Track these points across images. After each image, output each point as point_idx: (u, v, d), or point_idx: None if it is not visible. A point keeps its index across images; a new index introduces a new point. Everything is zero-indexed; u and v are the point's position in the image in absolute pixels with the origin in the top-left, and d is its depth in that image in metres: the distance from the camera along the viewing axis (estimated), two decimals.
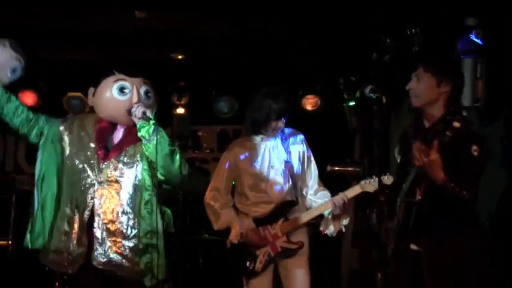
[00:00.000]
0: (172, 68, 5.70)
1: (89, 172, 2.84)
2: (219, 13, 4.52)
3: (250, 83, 5.93)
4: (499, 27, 3.53)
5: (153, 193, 2.87)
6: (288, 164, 3.62)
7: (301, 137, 3.70)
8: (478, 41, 3.53)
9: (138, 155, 2.88)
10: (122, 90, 2.87)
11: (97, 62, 5.38)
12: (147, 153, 2.85)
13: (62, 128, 2.91)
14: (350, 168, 5.95)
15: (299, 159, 3.65)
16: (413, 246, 2.75)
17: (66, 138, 2.90)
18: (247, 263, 3.47)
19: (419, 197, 2.67)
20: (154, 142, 2.77)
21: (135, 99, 2.86)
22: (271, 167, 3.60)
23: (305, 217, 3.54)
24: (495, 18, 3.51)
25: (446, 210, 2.68)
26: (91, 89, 3.01)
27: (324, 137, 5.39)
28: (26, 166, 6.16)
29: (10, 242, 5.22)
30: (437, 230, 2.69)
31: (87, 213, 2.80)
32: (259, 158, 3.62)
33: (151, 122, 2.80)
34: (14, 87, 5.60)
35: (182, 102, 6.00)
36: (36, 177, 2.89)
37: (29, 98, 5.74)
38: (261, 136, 3.64)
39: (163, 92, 5.73)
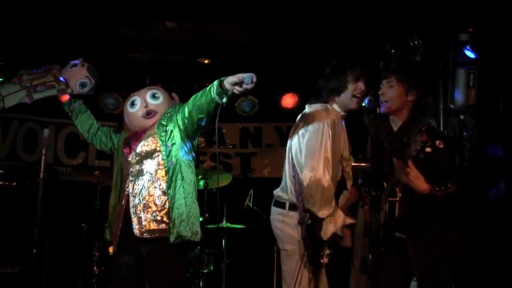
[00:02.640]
0: (199, 71, 6.10)
1: (123, 168, 3.36)
2: (238, 22, 4.96)
3: (269, 85, 6.42)
4: (488, 43, 3.91)
5: (169, 164, 3.23)
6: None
7: None
8: (471, 54, 3.91)
9: (152, 137, 3.29)
10: (132, 104, 3.38)
11: (132, 64, 5.88)
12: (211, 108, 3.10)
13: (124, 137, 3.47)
14: (363, 164, 6.36)
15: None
16: (398, 235, 3.21)
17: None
18: (320, 255, 3.30)
19: (400, 195, 3.10)
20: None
21: (143, 104, 3.33)
22: (349, 149, 3.41)
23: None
24: (485, 35, 3.89)
25: (422, 205, 3.12)
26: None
27: None
28: (65, 159, 6.62)
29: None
30: (417, 221, 3.16)
31: (125, 199, 3.28)
32: (342, 137, 3.37)
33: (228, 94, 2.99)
34: None
35: None
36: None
37: (69, 96, 6.28)
38: (343, 113, 3.36)
39: (191, 92, 6.20)
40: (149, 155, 3.28)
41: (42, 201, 3.03)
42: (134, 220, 3.22)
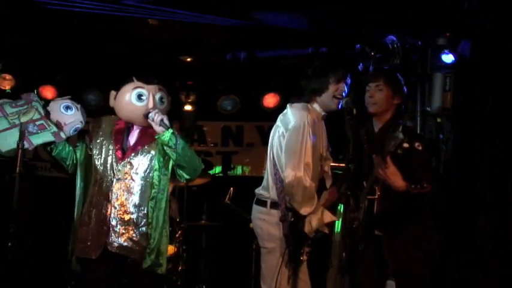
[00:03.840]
0: (181, 69, 6.16)
1: (109, 171, 3.16)
2: (221, 21, 4.98)
3: (251, 84, 6.48)
4: (465, 47, 4.00)
5: (159, 191, 3.18)
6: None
7: None
8: (448, 58, 3.99)
9: (151, 155, 3.19)
10: (139, 97, 3.14)
11: (114, 61, 5.89)
12: (173, 159, 3.13)
13: (87, 140, 3.27)
14: (342, 164, 6.44)
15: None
16: (377, 232, 3.27)
17: (91, 146, 3.25)
18: (300, 253, 3.38)
19: (378, 193, 3.16)
20: (179, 149, 3.04)
21: (150, 105, 3.12)
22: (328, 148, 3.52)
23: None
24: (462, 39, 3.98)
25: (399, 204, 3.17)
26: (112, 92, 3.27)
27: None
28: (44, 154, 6.63)
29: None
30: (394, 219, 3.21)
31: (106, 206, 3.14)
32: (322, 137, 3.48)
33: (170, 130, 3.04)
34: (35, 82, 6.10)
35: (189, 100, 6.51)
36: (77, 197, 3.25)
37: (49, 91, 6.16)
38: (323, 113, 3.47)
39: (173, 90, 6.24)
40: (141, 171, 3.17)
41: (18, 196, 3.01)
42: (111, 234, 3.12)
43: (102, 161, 3.21)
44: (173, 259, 5.33)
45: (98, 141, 3.25)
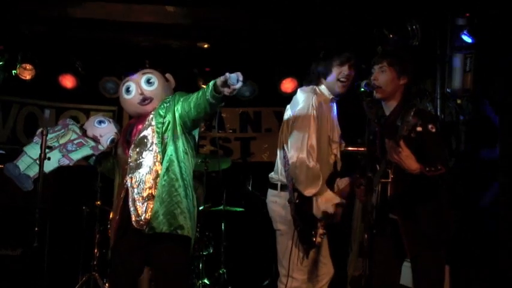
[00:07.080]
0: (198, 56, 6.17)
1: (124, 161, 3.33)
2: (239, 7, 4.98)
3: (269, 70, 6.47)
4: (485, 28, 3.94)
5: (166, 155, 3.21)
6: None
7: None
8: (468, 39, 3.94)
9: (150, 137, 3.26)
10: (127, 90, 3.34)
11: (132, 48, 5.92)
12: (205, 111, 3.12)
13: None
14: (362, 149, 6.41)
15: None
16: (391, 216, 3.24)
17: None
18: (312, 235, 3.40)
19: (392, 176, 3.13)
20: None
21: (138, 91, 3.29)
22: (337, 132, 3.53)
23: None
24: (482, 19, 3.91)
25: (413, 186, 3.14)
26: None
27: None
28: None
29: None
30: (409, 202, 3.18)
31: (124, 192, 3.26)
32: (331, 120, 3.51)
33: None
34: (54, 71, 6.18)
35: None
36: None
37: (68, 80, 6.29)
38: (332, 96, 3.50)
39: (191, 76, 6.26)
40: (146, 147, 3.25)
41: (43, 182, 3.07)
42: (133, 212, 3.21)
43: (120, 155, 3.44)
44: (194, 244, 5.38)
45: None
